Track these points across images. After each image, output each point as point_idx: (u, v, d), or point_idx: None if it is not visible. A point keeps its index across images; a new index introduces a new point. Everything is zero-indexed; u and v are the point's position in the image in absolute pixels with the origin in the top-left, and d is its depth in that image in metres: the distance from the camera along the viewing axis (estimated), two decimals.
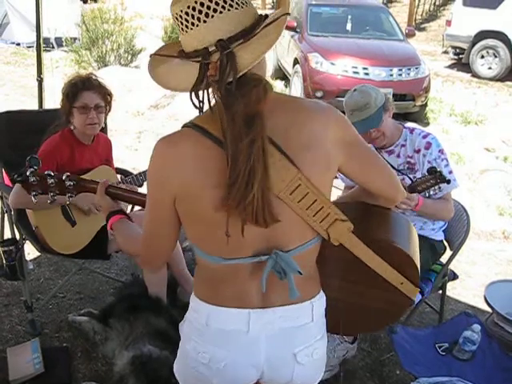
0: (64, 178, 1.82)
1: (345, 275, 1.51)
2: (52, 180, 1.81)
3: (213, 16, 1.18)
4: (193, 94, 1.20)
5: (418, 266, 1.51)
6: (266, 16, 1.25)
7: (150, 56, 1.33)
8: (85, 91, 2.84)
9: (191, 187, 1.26)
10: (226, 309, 1.38)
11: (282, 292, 1.36)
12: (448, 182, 2.51)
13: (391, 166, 2.77)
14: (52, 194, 1.83)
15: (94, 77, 2.96)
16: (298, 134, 1.28)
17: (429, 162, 2.71)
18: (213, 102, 1.22)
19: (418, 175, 2.72)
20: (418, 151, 2.76)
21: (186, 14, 1.19)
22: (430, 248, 2.87)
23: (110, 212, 1.66)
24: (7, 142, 3.24)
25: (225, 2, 1.18)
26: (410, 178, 2.75)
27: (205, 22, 1.18)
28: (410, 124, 2.93)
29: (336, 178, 1.46)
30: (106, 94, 2.93)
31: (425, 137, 2.78)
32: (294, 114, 1.30)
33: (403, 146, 2.83)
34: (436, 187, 2.53)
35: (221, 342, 1.40)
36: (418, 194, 2.62)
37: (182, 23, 1.21)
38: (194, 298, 1.45)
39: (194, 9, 1.18)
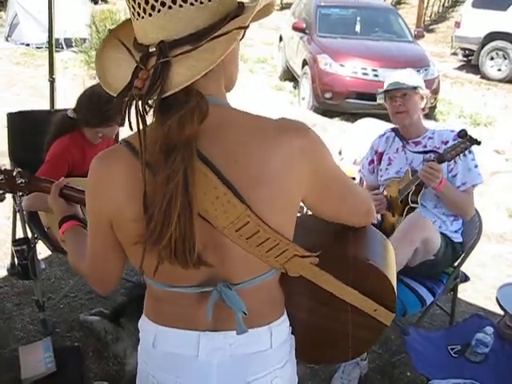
0: (15, 174, 1.69)
1: (313, 295, 1.34)
2: (1, 176, 1.68)
3: (159, 10, 0.99)
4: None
5: (395, 288, 1.36)
6: (235, 16, 1.03)
7: (108, 31, 1.16)
8: (111, 124, 2.84)
9: (123, 215, 1.11)
10: (174, 330, 1.23)
11: (233, 316, 1.17)
12: (479, 143, 2.60)
13: (414, 157, 2.90)
14: (1, 191, 1.71)
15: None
16: (251, 164, 1.07)
17: None
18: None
19: (444, 164, 2.75)
20: (446, 143, 2.82)
21: (134, 0, 1.02)
22: (452, 249, 2.87)
23: (62, 217, 1.49)
24: (19, 141, 3.26)
25: None
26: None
27: (150, 15, 1.00)
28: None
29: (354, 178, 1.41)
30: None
31: (452, 131, 2.86)
32: (248, 138, 1.08)
33: (430, 138, 2.90)
34: (467, 152, 2.61)
35: (169, 366, 1.25)
36: (442, 177, 2.68)
37: (132, 7, 1.03)
38: (142, 316, 1.31)
39: None
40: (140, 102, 0.98)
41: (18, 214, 3.24)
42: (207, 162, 1.05)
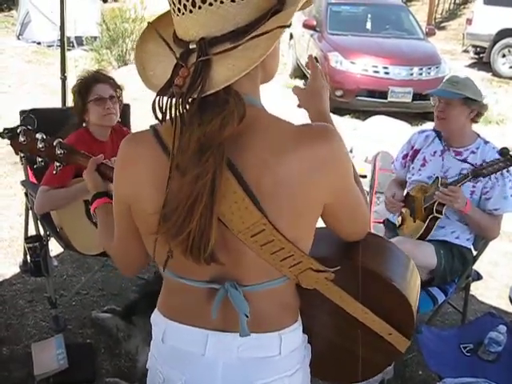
0: (55, 143, 1.73)
1: (327, 308, 1.30)
2: (42, 144, 1.71)
3: (200, 7, 0.98)
4: (158, 98, 1.01)
5: (415, 315, 1.30)
6: (277, 11, 1.02)
7: (148, 23, 1.13)
8: (97, 84, 2.84)
9: (140, 202, 1.13)
10: (183, 326, 1.22)
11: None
12: None
13: (451, 167, 2.81)
14: (40, 159, 1.75)
15: (101, 71, 2.98)
16: (275, 172, 1.05)
17: (496, 177, 2.67)
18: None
19: (479, 185, 2.72)
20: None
21: None
22: (462, 259, 2.84)
23: (96, 193, 1.50)
24: None
25: None
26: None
27: (191, 11, 0.99)
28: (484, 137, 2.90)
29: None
30: (116, 87, 2.94)
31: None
32: (271, 143, 1.06)
33: (473, 152, 2.79)
34: (499, 178, 2.56)
35: (175, 362, 1.25)
36: (466, 197, 2.63)
37: (172, 2, 1.02)
38: (155, 310, 1.31)
39: None
40: (180, 100, 0.98)
41: (30, 212, 3.26)
42: (230, 164, 1.04)
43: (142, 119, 0.94)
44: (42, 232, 3.17)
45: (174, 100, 0.99)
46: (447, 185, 2.64)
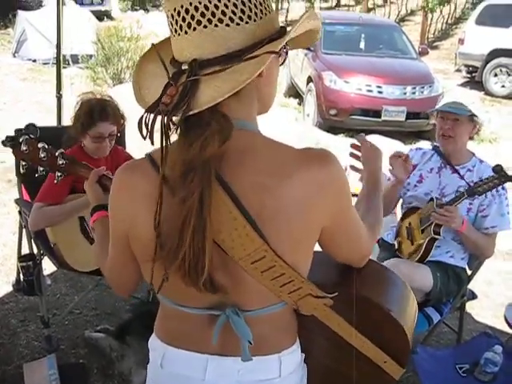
0: (57, 154, 1.74)
1: (324, 332, 1.29)
2: (44, 154, 1.72)
3: (195, 28, 1.00)
4: (145, 115, 1.02)
5: (411, 344, 1.30)
6: (274, 39, 1.03)
7: (152, 45, 1.14)
8: (101, 122, 2.76)
9: (137, 230, 1.12)
10: (182, 351, 1.21)
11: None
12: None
13: (448, 184, 2.81)
14: (42, 168, 1.76)
15: (110, 103, 2.85)
16: (270, 196, 1.04)
17: (492, 195, 2.70)
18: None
19: (476, 202, 2.72)
20: None
21: (172, 16, 1.03)
22: (457, 280, 2.84)
23: (96, 205, 1.50)
24: None
25: (213, 16, 0.99)
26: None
27: (186, 32, 1.01)
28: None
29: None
30: (120, 120, 2.87)
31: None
32: (269, 168, 1.06)
33: (470, 170, 2.81)
34: (496, 195, 2.57)
35: None
36: (463, 216, 2.64)
37: (170, 24, 1.04)
38: (153, 335, 1.30)
39: (178, 13, 1.01)
40: (165, 118, 0.99)
41: (23, 230, 3.25)
42: (228, 189, 1.04)
43: (136, 138, 0.94)
44: (35, 250, 3.15)
45: (159, 117, 1.00)
46: (443, 205, 2.65)
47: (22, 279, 3.18)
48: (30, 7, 17.34)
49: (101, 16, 17.35)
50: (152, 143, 1.03)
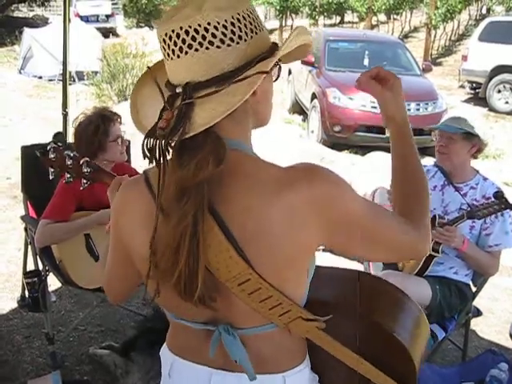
0: (82, 162, 1.84)
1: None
2: (71, 161, 1.82)
3: (187, 52, 1.01)
4: (146, 140, 1.03)
5: (417, 371, 1.23)
6: (264, 58, 1.04)
7: (147, 68, 1.16)
8: (115, 124, 2.84)
9: (134, 247, 1.16)
10: (188, 363, 1.22)
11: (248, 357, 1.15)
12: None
13: (451, 201, 2.81)
14: (69, 175, 1.84)
15: (107, 108, 2.95)
16: (258, 219, 1.04)
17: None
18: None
19: (479, 221, 2.73)
20: (488, 198, 2.73)
21: (164, 41, 1.04)
22: (460, 294, 2.83)
23: None
24: (33, 174, 3.29)
25: (203, 39, 1.00)
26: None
27: (178, 56, 1.02)
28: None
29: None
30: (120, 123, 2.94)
31: (498, 188, 2.78)
32: (252, 189, 1.05)
33: (473, 188, 2.82)
34: (499, 214, 2.55)
35: None
36: (464, 236, 2.64)
37: (162, 48, 1.06)
38: (164, 344, 1.30)
39: (170, 38, 1.02)
40: (163, 142, 1.00)
41: (29, 246, 3.26)
42: (214, 211, 1.04)
43: (139, 154, 0.95)
44: (40, 267, 3.16)
45: (157, 142, 1.02)
46: (444, 224, 2.66)
47: (27, 295, 3.19)
48: (37, 24, 17.57)
49: (106, 33, 17.54)
50: (157, 165, 1.04)
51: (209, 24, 1.00)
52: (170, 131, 0.99)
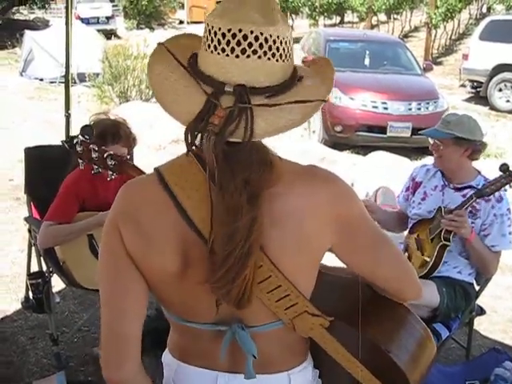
0: (106, 155, 1.95)
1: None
2: (96, 154, 1.94)
3: (249, 56, 1.01)
4: (189, 130, 1.02)
5: None
6: (300, 78, 1.09)
7: (158, 44, 1.13)
8: (112, 145, 2.68)
9: (149, 260, 1.12)
10: (193, 367, 1.22)
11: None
12: None
13: (451, 202, 2.79)
14: (96, 167, 1.97)
15: (123, 125, 2.81)
16: (270, 206, 1.07)
17: (494, 215, 2.71)
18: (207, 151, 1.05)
19: (478, 222, 2.73)
20: (488, 201, 2.73)
21: (223, 35, 1.02)
22: (465, 295, 2.82)
23: None
24: (36, 176, 3.30)
25: (269, 49, 1.02)
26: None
27: (237, 56, 1.01)
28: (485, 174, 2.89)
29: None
30: (131, 144, 2.86)
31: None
32: (283, 180, 1.09)
33: (474, 188, 2.79)
34: (507, 187, 2.55)
35: None
36: (473, 229, 2.64)
37: (211, 39, 1.03)
38: (166, 350, 1.31)
39: (233, 35, 1.01)
40: (215, 140, 1.01)
41: (33, 248, 3.27)
42: None
43: (143, 155, 0.95)
44: (44, 268, 3.17)
45: (207, 138, 1.03)
46: (452, 211, 2.66)
47: (31, 297, 3.19)
48: (37, 27, 17.59)
49: (107, 35, 17.56)
50: (191, 153, 1.06)
51: (278, 37, 1.03)
52: (226, 131, 0.99)
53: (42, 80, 12.07)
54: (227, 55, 1.02)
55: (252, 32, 1.01)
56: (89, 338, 3.35)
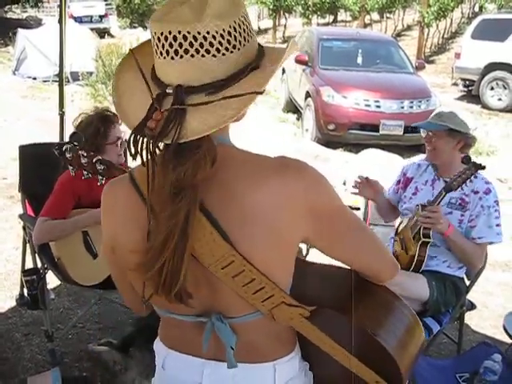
0: (94, 160, 1.98)
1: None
2: (85, 160, 1.97)
3: (182, 56, 1.01)
4: (133, 136, 1.03)
5: (404, 377, 1.20)
6: (254, 67, 1.06)
7: (129, 51, 1.14)
8: (116, 125, 2.84)
9: (119, 242, 1.18)
10: (180, 354, 1.26)
11: (238, 347, 1.17)
12: (483, 168, 2.62)
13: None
14: (86, 172, 1.99)
15: (107, 110, 2.92)
16: (242, 203, 1.08)
17: (482, 206, 2.75)
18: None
19: (467, 213, 2.77)
20: (476, 193, 2.77)
21: (158, 39, 1.03)
22: (455, 289, 2.85)
23: None
24: (31, 173, 3.31)
25: (201, 46, 1.00)
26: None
27: (172, 58, 1.02)
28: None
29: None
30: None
31: (487, 183, 2.81)
32: (244, 178, 1.09)
33: None
34: (472, 178, 2.61)
35: None
36: (449, 221, 2.68)
37: (155, 44, 1.05)
38: (157, 338, 1.34)
39: (166, 38, 1.01)
40: (151, 143, 1.01)
41: (27, 244, 3.28)
42: (200, 201, 1.07)
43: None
44: (39, 265, 3.19)
45: (145, 141, 1.02)
46: (425, 207, 2.70)
47: (26, 293, 3.21)
48: (30, 26, 17.53)
49: (101, 34, 17.52)
50: (142, 163, 1.05)
51: (208, 33, 1.00)
52: (159, 133, 1.00)
53: (35, 79, 12.03)
54: (164, 58, 1.03)
55: (180, 32, 1.00)
56: (83, 334, 3.37)
